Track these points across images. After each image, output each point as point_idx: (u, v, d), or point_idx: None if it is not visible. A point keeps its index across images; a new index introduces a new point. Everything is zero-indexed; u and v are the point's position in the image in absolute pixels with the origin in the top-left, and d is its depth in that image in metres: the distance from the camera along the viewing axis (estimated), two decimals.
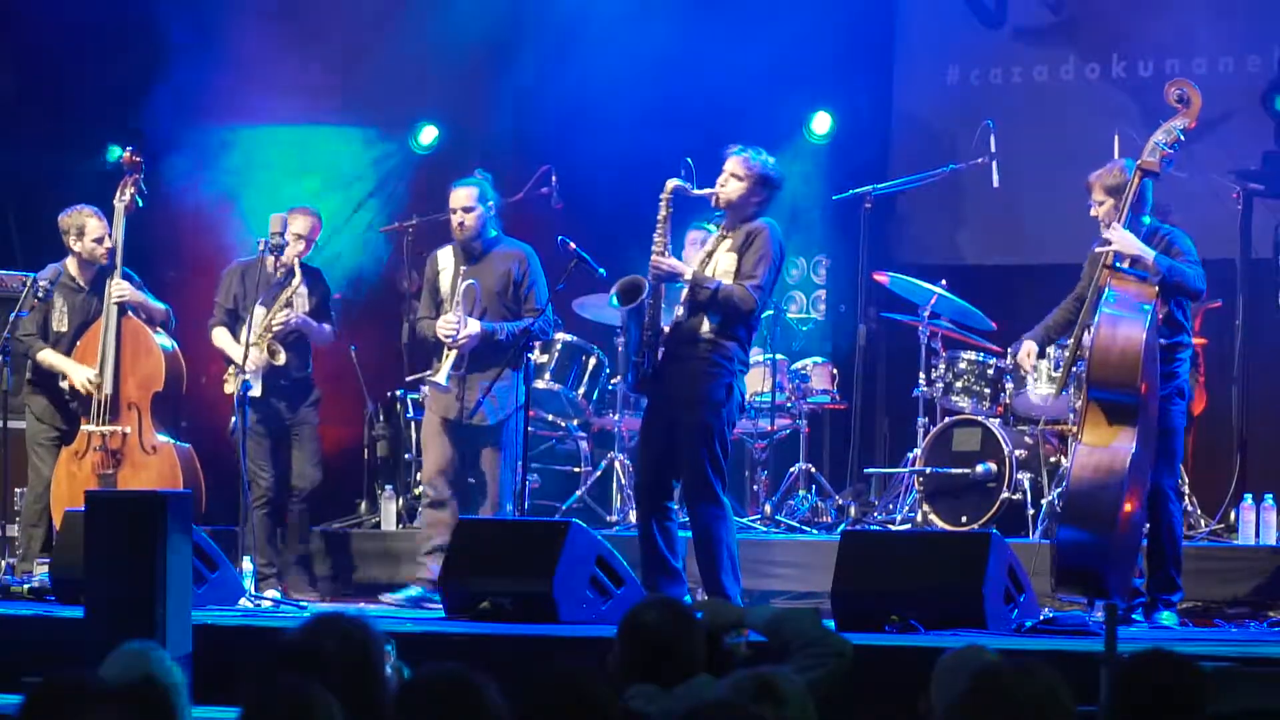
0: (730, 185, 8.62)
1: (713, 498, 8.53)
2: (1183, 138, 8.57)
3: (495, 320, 9.61)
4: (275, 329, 9.98)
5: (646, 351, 8.63)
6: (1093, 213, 8.67)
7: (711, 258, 8.68)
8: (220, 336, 10.22)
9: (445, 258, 9.80)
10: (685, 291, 8.62)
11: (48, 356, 10.20)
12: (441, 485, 9.70)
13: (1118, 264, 8.36)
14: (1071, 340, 8.64)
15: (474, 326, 9.54)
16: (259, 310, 9.99)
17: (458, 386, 9.59)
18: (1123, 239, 8.40)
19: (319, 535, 10.96)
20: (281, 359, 9.98)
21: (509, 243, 9.76)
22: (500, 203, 9.89)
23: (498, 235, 9.76)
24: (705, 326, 8.54)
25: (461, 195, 9.71)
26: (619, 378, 10.76)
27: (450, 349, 9.57)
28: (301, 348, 10.22)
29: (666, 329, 8.68)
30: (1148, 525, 8.41)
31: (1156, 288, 8.29)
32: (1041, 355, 9.11)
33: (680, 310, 8.66)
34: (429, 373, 9.80)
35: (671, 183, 8.67)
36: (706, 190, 8.65)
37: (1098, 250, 8.54)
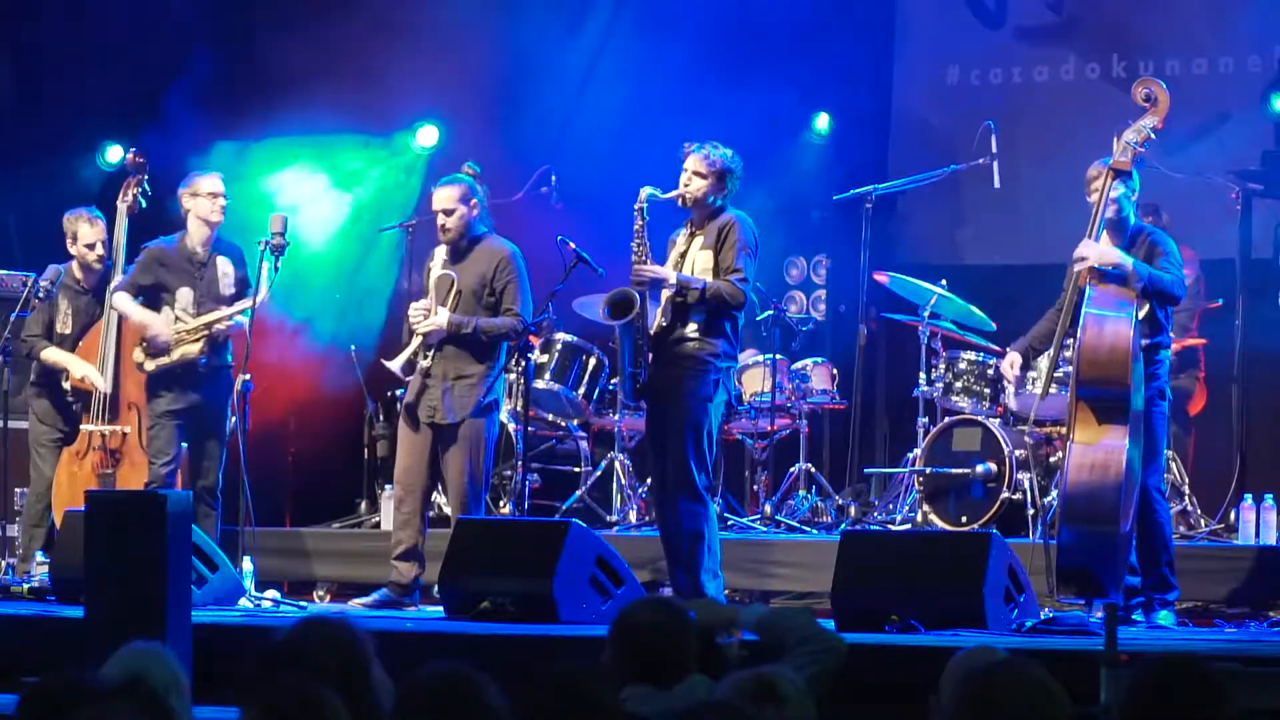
0: (694, 183, 8.64)
1: (694, 493, 8.54)
2: (1154, 136, 8.50)
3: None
4: (212, 329, 9.63)
5: (641, 361, 8.62)
6: (1092, 198, 8.57)
7: (685, 257, 8.69)
8: (123, 301, 9.82)
9: (439, 255, 9.61)
10: (668, 295, 8.61)
11: (51, 354, 10.19)
12: (409, 486, 9.36)
13: (1102, 272, 8.28)
14: (1054, 343, 8.61)
15: (441, 317, 9.20)
16: (184, 292, 9.72)
17: (421, 382, 9.27)
18: (1097, 253, 8.31)
19: (305, 536, 11.01)
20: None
21: (494, 240, 9.41)
22: (487, 199, 9.54)
23: (486, 233, 9.41)
24: (691, 328, 8.57)
25: (440, 197, 9.35)
26: (619, 378, 10.72)
27: (415, 335, 9.33)
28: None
29: (651, 332, 8.64)
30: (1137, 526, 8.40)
31: (1135, 291, 8.26)
32: (1026, 366, 9.08)
33: (662, 314, 8.64)
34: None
35: (645, 190, 8.69)
36: (673, 193, 8.66)
37: (1075, 269, 8.41)
